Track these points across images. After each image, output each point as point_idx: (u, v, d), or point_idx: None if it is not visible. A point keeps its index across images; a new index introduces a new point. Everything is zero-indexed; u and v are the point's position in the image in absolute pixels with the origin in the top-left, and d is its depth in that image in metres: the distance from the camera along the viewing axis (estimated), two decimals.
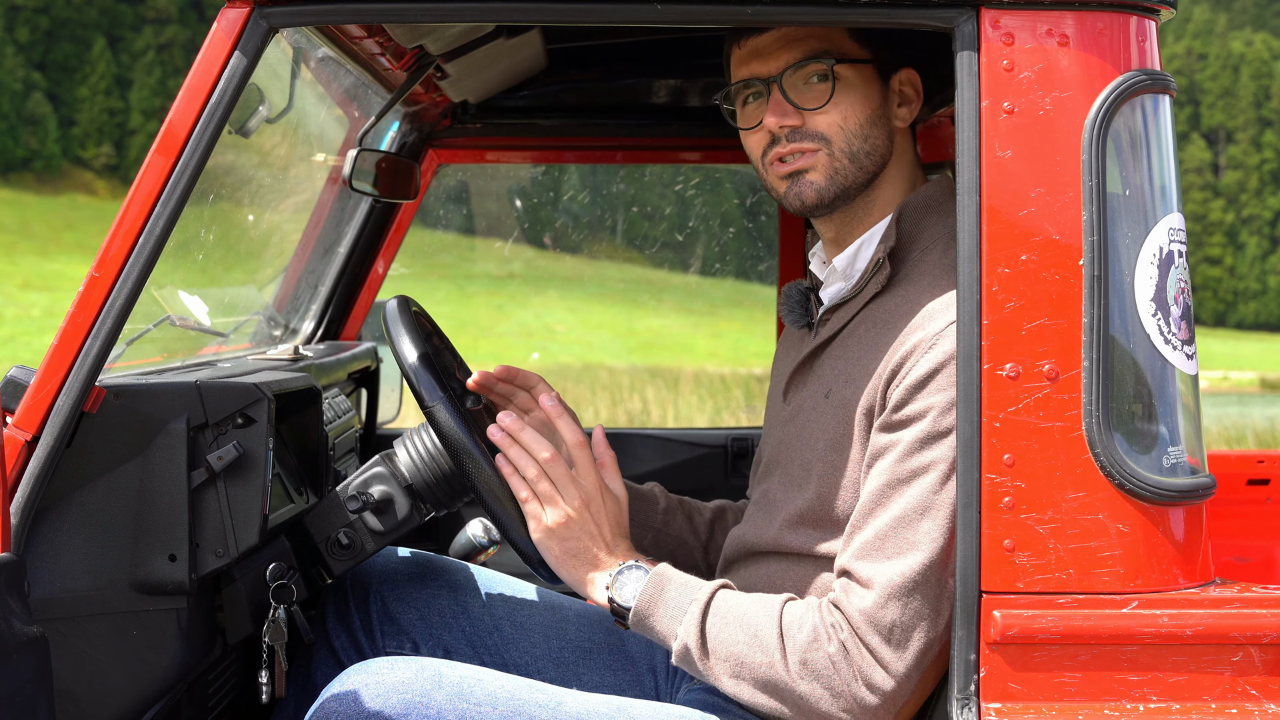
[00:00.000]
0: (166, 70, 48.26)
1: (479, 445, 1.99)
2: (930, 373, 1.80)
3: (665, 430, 3.64)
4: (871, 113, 1.97)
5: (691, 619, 1.85)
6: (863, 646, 1.78)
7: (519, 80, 3.08)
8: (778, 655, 1.81)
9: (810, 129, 1.95)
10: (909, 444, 1.79)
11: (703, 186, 12.36)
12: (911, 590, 1.77)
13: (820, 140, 1.95)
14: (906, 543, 1.77)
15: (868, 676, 1.78)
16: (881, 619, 1.77)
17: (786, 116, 1.95)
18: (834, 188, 1.97)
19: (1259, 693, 1.72)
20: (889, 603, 1.77)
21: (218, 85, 1.81)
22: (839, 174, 1.96)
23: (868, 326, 1.93)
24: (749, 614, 1.84)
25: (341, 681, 1.86)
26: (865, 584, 1.79)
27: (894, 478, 1.80)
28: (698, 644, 1.85)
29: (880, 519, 1.80)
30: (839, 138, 1.95)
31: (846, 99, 1.95)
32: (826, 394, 1.95)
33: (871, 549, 1.79)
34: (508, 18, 1.92)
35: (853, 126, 1.95)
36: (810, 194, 1.97)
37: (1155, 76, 1.77)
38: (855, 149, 1.96)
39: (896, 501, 1.79)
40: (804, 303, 2.11)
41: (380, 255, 3.34)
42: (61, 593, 1.89)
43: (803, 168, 1.97)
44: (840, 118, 1.95)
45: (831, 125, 1.95)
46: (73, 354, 1.80)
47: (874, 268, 1.95)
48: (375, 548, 2.12)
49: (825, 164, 1.96)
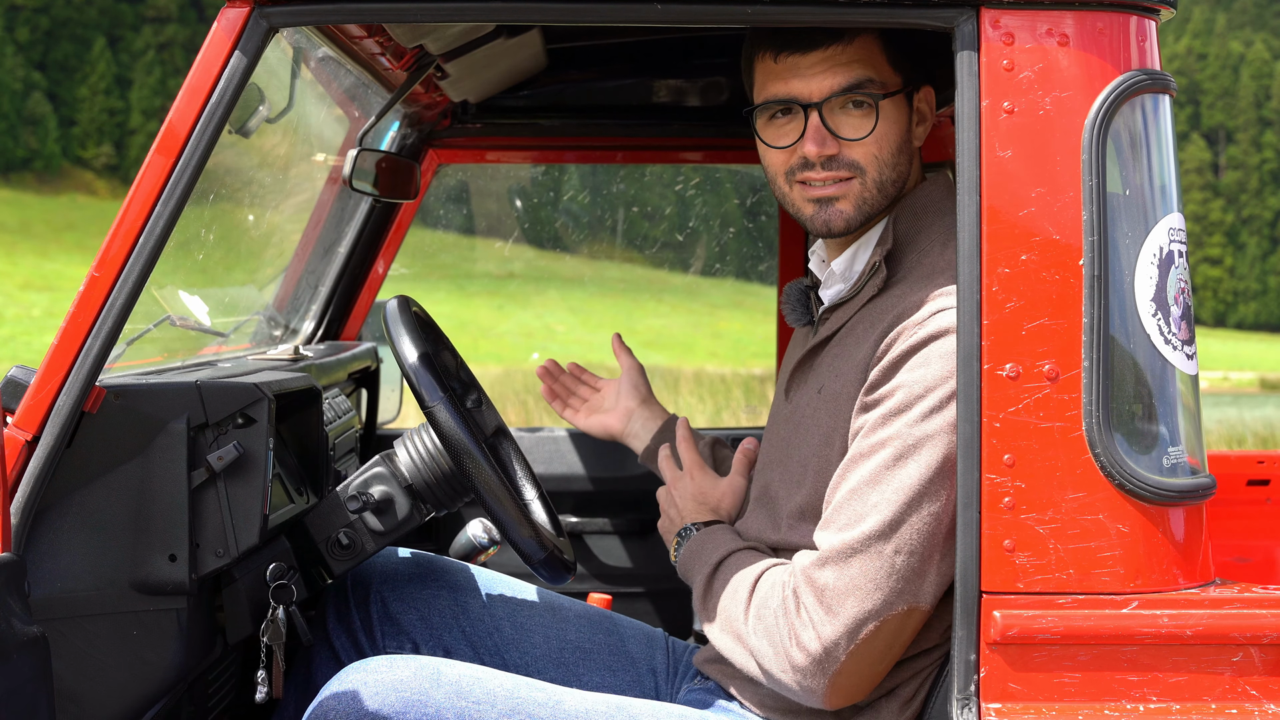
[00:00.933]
0: (166, 70, 48.27)
1: (479, 445, 1.99)
2: (906, 352, 1.81)
3: None
4: (901, 139, 1.95)
5: (707, 567, 1.98)
6: (800, 604, 1.82)
7: (519, 80, 3.08)
8: (743, 608, 1.89)
9: (846, 158, 1.93)
10: (873, 421, 1.82)
11: (703, 186, 12.35)
12: (848, 556, 1.79)
13: (856, 170, 1.93)
14: (855, 514, 1.80)
15: (797, 634, 1.82)
16: (816, 578, 1.81)
17: (825, 145, 1.92)
18: (861, 216, 1.96)
19: (1259, 693, 1.72)
20: (826, 565, 1.80)
21: (218, 85, 1.81)
22: (867, 203, 1.95)
23: (864, 326, 1.93)
24: (746, 569, 1.93)
25: (340, 680, 1.86)
26: (814, 546, 1.85)
27: (856, 453, 1.84)
28: (703, 595, 1.97)
29: (839, 490, 1.84)
30: (873, 168, 1.94)
31: (883, 129, 1.93)
32: (819, 390, 1.96)
33: (828, 521, 1.84)
34: (508, 18, 1.92)
35: (886, 156, 1.94)
36: (839, 223, 1.96)
37: (1155, 76, 1.77)
38: (885, 178, 1.95)
39: (851, 475, 1.83)
40: (805, 301, 2.11)
41: (380, 255, 3.34)
42: (62, 593, 1.89)
43: (833, 195, 1.94)
44: (876, 148, 1.93)
45: (868, 155, 1.93)
46: (73, 354, 1.80)
47: (871, 271, 1.95)
48: (375, 548, 2.12)
49: (856, 193, 1.94)
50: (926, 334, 1.81)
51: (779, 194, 2.00)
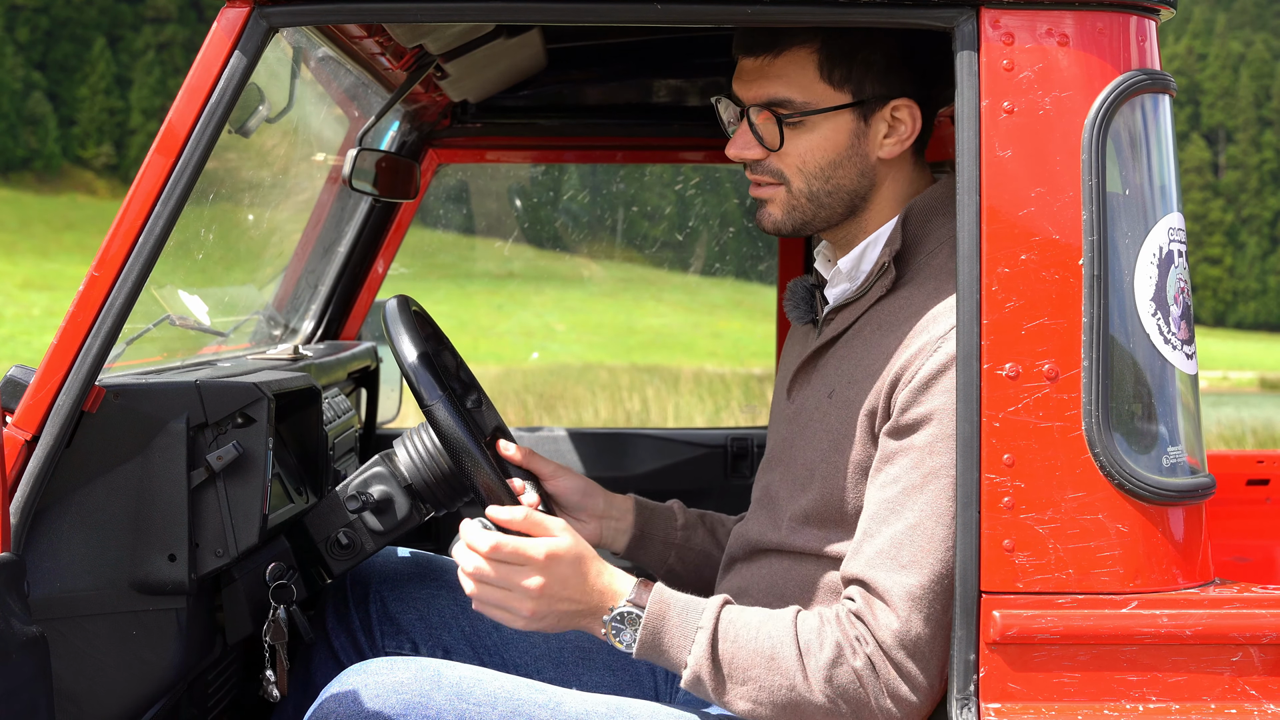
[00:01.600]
0: (166, 70, 48.25)
1: (478, 445, 1.99)
2: (935, 374, 1.79)
3: (665, 430, 3.64)
4: (837, 155, 1.94)
5: (701, 647, 1.81)
6: (890, 664, 1.77)
7: (519, 80, 3.08)
8: (799, 676, 1.78)
9: (770, 165, 1.96)
10: (920, 449, 1.79)
11: (703, 186, 12.34)
12: (933, 600, 1.76)
13: (779, 177, 1.96)
14: (922, 551, 1.77)
15: (896, 691, 1.77)
16: (909, 635, 1.76)
17: (746, 149, 1.96)
18: (791, 222, 1.98)
19: (1258, 693, 1.72)
20: (913, 617, 1.76)
21: (218, 85, 1.81)
22: (796, 210, 1.97)
23: (873, 328, 1.93)
24: (762, 634, 1.81)
25: (341, 682, 1.86)
26: (885, 597, 1.77)
27: (909, 484, 1.79)
28: (710, 673, 1.81)
29: (895, 526, 1.78)
30: (797, 178, 1.95)
31: (807, 142, 1.93)
32: (830, 394, 1.95)
33: (887, 557, 1.78)
34: (508, 18, 1.92)
35: (813, 169, 1.95)
36: (768, 223, 2.00)
37: (1155, 76, 1.77)
38: (814, 189, 1.95)
39: (911, 508, 1.78)
40: (809, 299, 2.11)
41: (380, 255, 3.34)
42: (61, 592, 1.89)
43: (763, 197, 1.99)
44: (799, 160, 1.94)
45: (790, 166, 1.95)
46: (72, 353, 1.80)
47: (879, 271, 1.94)
48: (375, 547, 2.12)
49: (783, 199, 1.97)
50: (950, 354, 1.79)
51: None
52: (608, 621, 1.84)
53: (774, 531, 2.00)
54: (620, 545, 2.25)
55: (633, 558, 2.26)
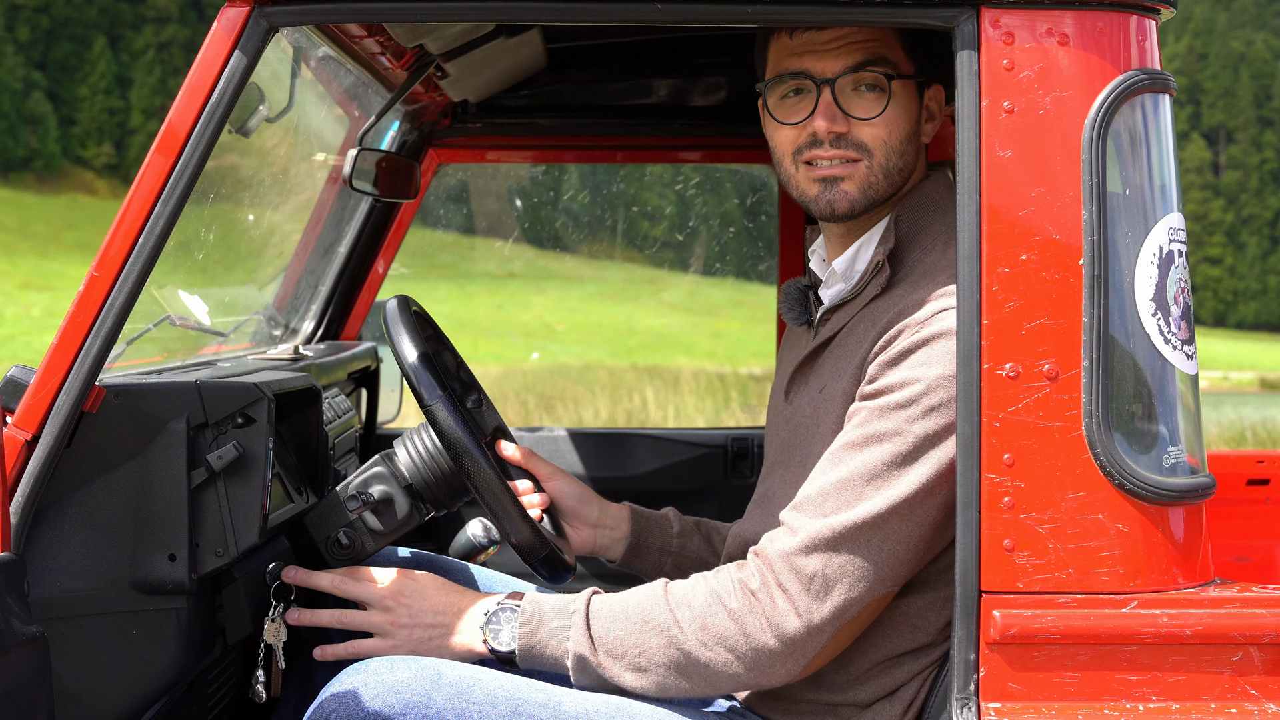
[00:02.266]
0: (167, 69, 48.27)
1: (478, 445, 1.99)
2: (907, 349, 1.81)
3: (665, 430, 3.64)
4: (910, 129, 1.95)
5: (577, 630, 1.85)
6: (777, 589, 1.78)
7: (519, 79, 3.08)
8: (674, 630, 1.81)
9: (854, 138, 1.93)
10: (872, 411, 1.81)
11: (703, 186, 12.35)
12: (838, 544, 1.77)
13: (863, 151, 1.93)
14: (844, 503, 1.78)
15: (777, 623, 1.78)
16: (803, 566, 1.78)
17: (835, 122, 1.92)
18: (865, 200, 1.95)
19: (1258, 692, 1.72)
20: (813, 553, 1.78)
21: (218, 84, 1.81)
22: (872, 187, 1.95)
23: (866, 325, 1.93)
24: (631, 603, 1.85)
25: (341, 681, 1.86)
26: (793, 531, 1.80)
27: (849, 440, 1.81)
28: (589, 649, 1.84)
29: (827, 476, 1.81)
30: (881, 151, 1.93)
31: (894, 113, 1.93)
32: (821, 390, 1.96)
33: (811, 503, 1.81)
34: (508, 17, 1.92)
35: (894, 142, 1.94)
36: (843, 203, 1.95)
37: (1155, 76, 1.77)
38: (892, 165, 1.94)
39: (846, 463, 1.80)
40: (803, 300, 2.11)
41: (380, 255, 3.34)
42: (61, 592, 1.89)
43: (839, 175, 1.94)
44: (885, 132, 1.93)
45: (876, 138, 1.93)
46: (73, 353, 1.80)
47: (874, 270, 1.94)
48: (375, 547, 2.12)
49: (863, 175, 1.94)
50: (931, 332, 1.81)
51: (784, 175, 2.00)
52: (483, 625, 1.89)
53: (770, 530, 2.00)
54: (617, 554, 2.26)
55: (629, 566, 2.27)
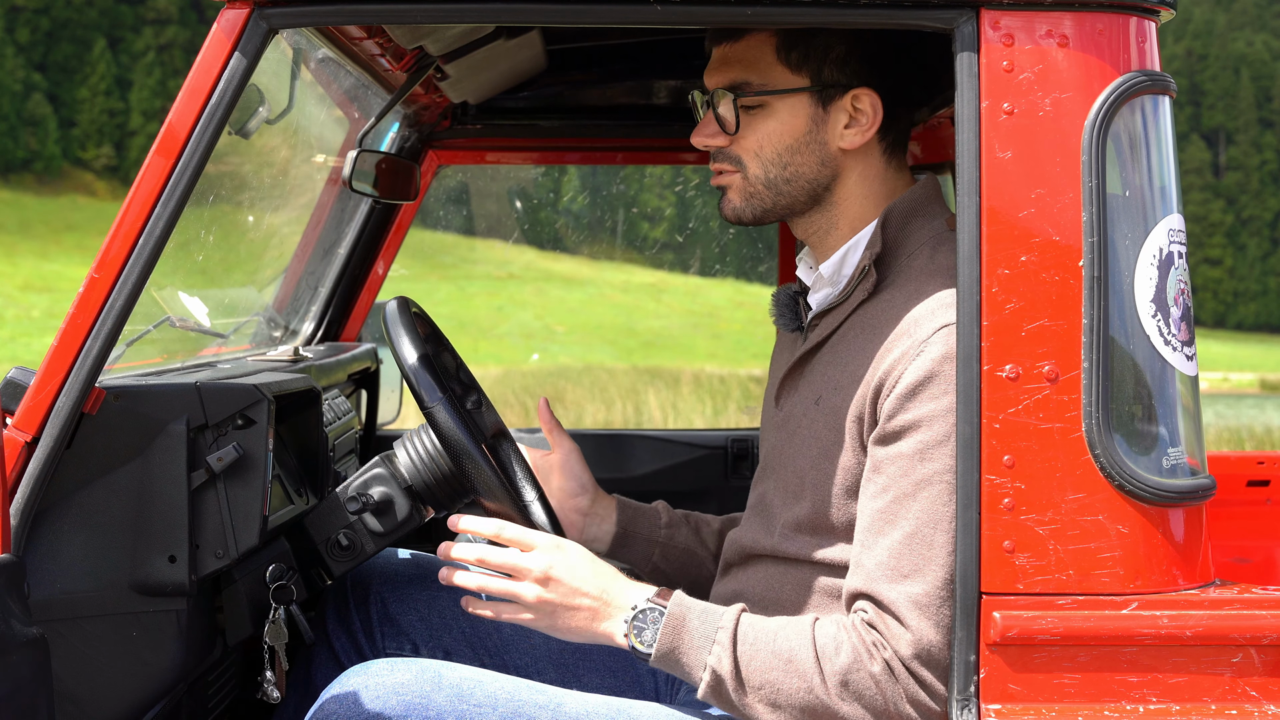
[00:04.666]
0: (166, 71, 48.29)
1: (479, 446, 1.99)
2: (920, 381, 1.79)
3: (664, 431, 3.64)
4: (794, 140, 1.95)
5: (723, 649, 1.80)
6: (908, 673, 1.76)
7: (519, 81, 3.08)
8: (816, 679, 1.78)
9: (730, 151, 1.99)
10: (909, 456, 1.78)
11: (703, 187, 12.34)
12: (939, 606, 1.76)
13: (736, 163, 1.99)
14: (922, 558, 1.76)
15: (915, 698, 1.76)
16: (922, 645, 1.75)
17: (711, 137, 1.99)
18: (750, 210, 2.00)
19: (1259, 694, 1.72)
20: (923, 626, 1.75)
21: (218, 86, 1.81)
22: (754, 198, 1.99)
23: (856, 332, 1.93)
24: (780, 638, 1.81)
25: (341, 683, 1.86)
26: (893, 609, 1.76)
27: (900, 493, 1.78)
28: (731, 674, 1.80)
29: (891, 536, 1.78)
30: (754, 164, 1.97)
31: (765, 127, 1.95)
32: (816, 401, 1.95)
33: (888, 569, 1.77)
34: (508, 18, 1.92)
35: (769, 155, 1.96)
36: (729, 211, 2.02)
37: (1155, 77, 1.77)
38: (772, 176, 1.97)
39: (906, 518, 1.77)
40: (793, 306, 2.10)
41: (380, 256, 3.34)
42: (61, 594, 1.89)
43: (723, 185, 2.02)
44: (756, 145, 1.96)
45: (747, 152, 1.97)
46: (72, 355, 1.80)
47: (860, 275, 1.94)
48: (375, 549, 2.12)
49: (740, 186, 1.99)
50: (938, 354, 1.78)
51: None
52: (629, 620, 1.84)
53: (767, 538, 2.00)
54: (604, 543, 2.26)
55: (617, 555, 2.27)
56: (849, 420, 1.87)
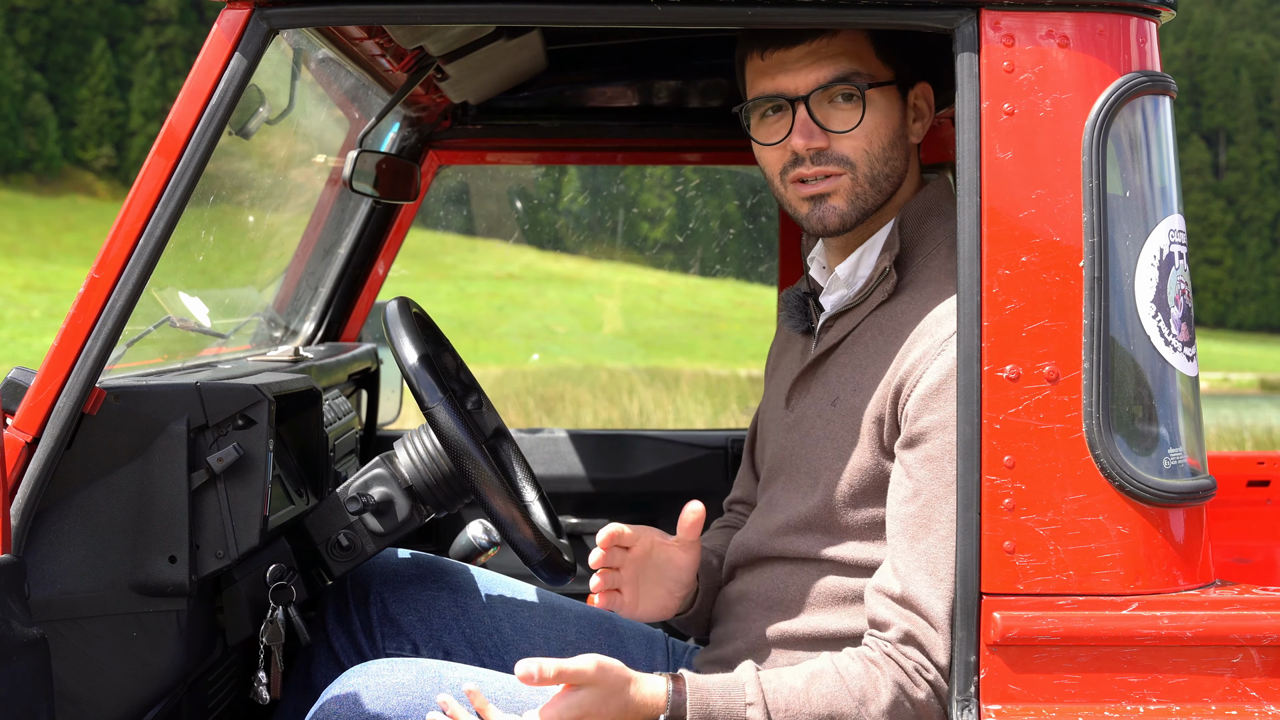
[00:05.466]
0: (167, 71, 48.31)
1: (479, 446, 1.99)
2: (941, 381, 1.79)
3: (665, 431, 3.64)
4: (893, 134, 1.94)
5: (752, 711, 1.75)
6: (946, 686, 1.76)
7: (519, 81, 3.08)
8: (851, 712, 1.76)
9: (835, 152, 1.92)
10: (938, 459, 1.78)
11: (703, 188, 12.36)
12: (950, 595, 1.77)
13: (845, 164, 1.92)
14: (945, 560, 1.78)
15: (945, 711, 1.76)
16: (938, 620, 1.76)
17: (813, 138, 1.91)
18: (856, 212, 1.94)
19: (1259, 694, 1.72)
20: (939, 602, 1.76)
21: (218, 86, 1.81)
22: (860, 198, 1.93)
23: (874, 334, 1.92)
24: (813, 695, 1.77)
25: (342, 683, 1.86)
26: (931, 618, 1.76)
27: (933, 496, 1.78)
28: None
29: (926, 540, 1.78)
30: (864, 162, 1.92)
31: (872, 121, 1.91)
32: (834, 401, 1.94)
33: (925, 573, 1.77)
34: (508, 19, 1.92)
35: (877, 150, 1.92)
36: (834, 219, 1.94)
37: (1155, 78, 1.77)
38: (877, 173, 1.93)
39: (939, 520, 1.78)
40: (803, 307, 2.09)
41: (380, 256, 3.34)
42: (61, 594, 1.89)
43: (825, 191, 1.93)
44: (866, 142, 1.91)
45: (857, 149, 1.92)
46: (73, 355, 1.80)
47: (879, 277, 1.94)
48: (375, 549, 2.12)
49: (848, 188, 1.93)
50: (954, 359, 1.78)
51: (777, 195, 1.99)
52: None
53: (775, 538, 1.99)
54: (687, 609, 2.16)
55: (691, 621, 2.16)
56: (868, 421, 1.87)
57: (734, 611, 2.05)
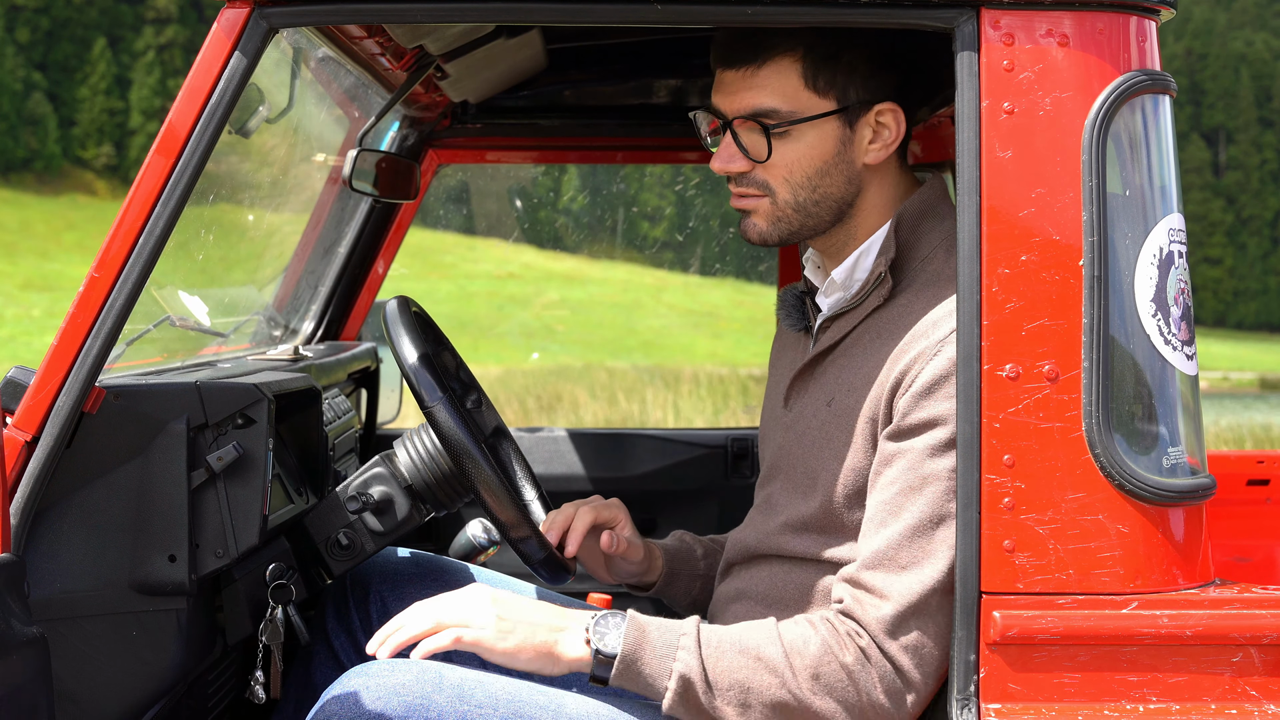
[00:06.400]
0: (166, 70, 48.31)
1: (479, 445, 1.99)
2: (935, 380, 1.79)
3: (665, 430, 3.64)
4: (823, 164, 1.93)
5: (687, 652, 1.80)
6: (884, 657, 1.77)
7: (519, 80, 3.08)
8: (787, 674, 1.78)
9: (756, 177, 1.94)
10: (919, 452, 1.79)
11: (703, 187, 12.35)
12: (929, 601, 1.76)
13: (765, 189, 1.94)
14: (922, 552, 1.77)
15: (889, 685, 1.76)
16: (903, 632, 1.76)
17: (732, 162, 1.94)
18: (778, 233, 1.97)
19: (1259, 693, 1.72)
20: (910, 617, 1.76)
21: (218, 85, 1.81)
22: (783, 221, 1.96)
23: (871, 336, 1.92)
24: (746, 638, 1.81)
25: (342, 683, 1.86)
26: (881, 594, 1.77)
27: (906, 485, 1.79)
28: (700, 676, 1.79)
29: (892, 528, 1.78)
30: (784, 189, 1.94)
31: (794, 153, 1.92)
32: (829, 402, 1.95)
33: (884, 559, 1.78)
34: (508, 18, 1.92)
35: (800, 179, 1.93)
36: (754, 235, 1.99)
37: (1155, 77, 1.77)
38: (803, 199, 1.94)
39: (909, 510, 1.78)
40: (800, 307, 2.10)
41: (380, 255, 3.34)
42: (61, 593, 1.89)
43: (747, 209, 1.97)
44: (786, 171, 1.92)
45: (776, 178, 1.93)
46: (73, 354, 1.80)
47: (875, 281, 1.94)
48: (375, 548, 2.12)
49: (768, 211, 1.96)
50: (950, 359, 1.79)
51: None
52: (591, 625, 1.83)
53: (773, 537, 2.00)
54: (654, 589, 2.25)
55: (663, 596, 2.25)
56: (862, 421, 1.87)
57: (731, 609, 2.05)
